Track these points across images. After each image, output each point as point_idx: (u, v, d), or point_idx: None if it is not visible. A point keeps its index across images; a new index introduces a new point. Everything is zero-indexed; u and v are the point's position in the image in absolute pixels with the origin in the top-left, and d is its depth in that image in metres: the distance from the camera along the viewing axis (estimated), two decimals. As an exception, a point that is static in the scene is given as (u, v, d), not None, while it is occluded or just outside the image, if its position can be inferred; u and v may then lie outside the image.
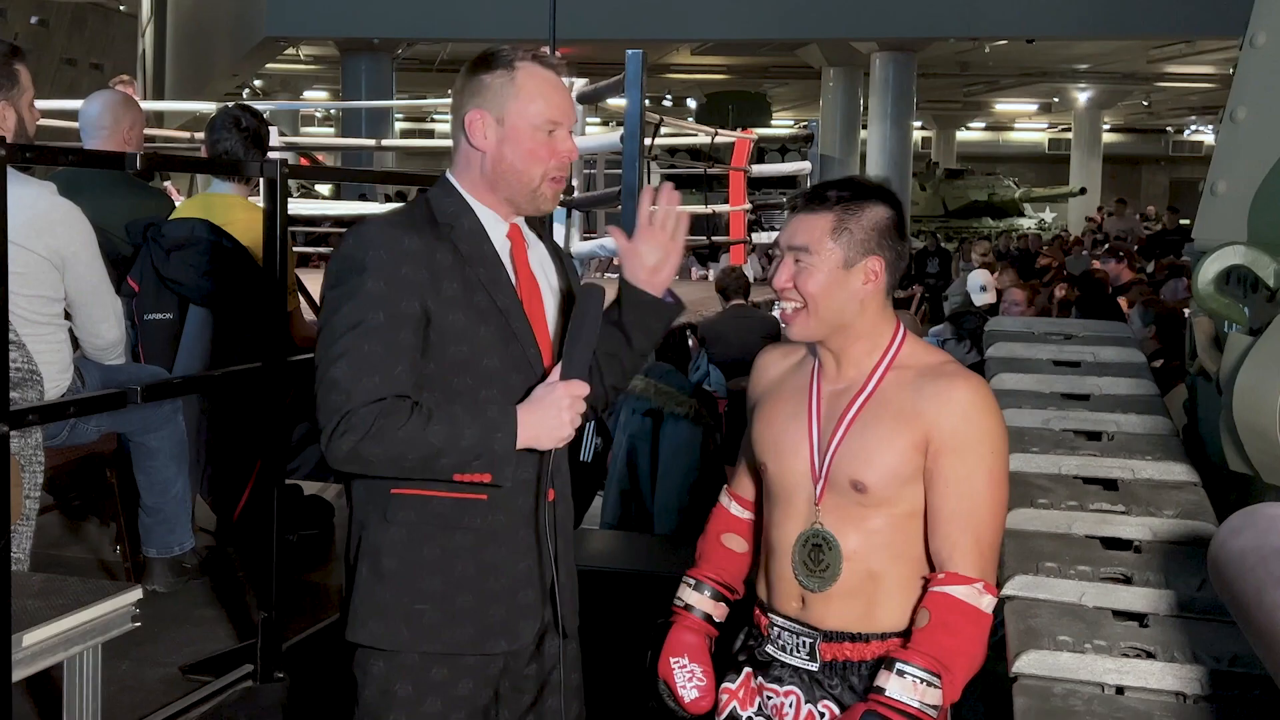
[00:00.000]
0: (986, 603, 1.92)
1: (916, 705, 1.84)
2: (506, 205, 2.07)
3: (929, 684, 1.85)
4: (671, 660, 2.19)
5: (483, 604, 2.00)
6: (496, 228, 2.06)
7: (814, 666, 2.02)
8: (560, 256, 2.20)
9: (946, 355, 2.09)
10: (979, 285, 10.22)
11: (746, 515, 2.28)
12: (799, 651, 2.04)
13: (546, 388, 1.98)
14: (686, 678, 2.17)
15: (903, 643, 1.94)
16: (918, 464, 1.96)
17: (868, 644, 1.99)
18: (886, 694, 1.86)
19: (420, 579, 1.99)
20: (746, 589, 2.25)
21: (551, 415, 1.95)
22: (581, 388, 1.97)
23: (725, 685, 2.15)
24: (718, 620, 2.24)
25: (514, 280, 2.04)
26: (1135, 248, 9.82)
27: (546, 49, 2.26)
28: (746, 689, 2.12)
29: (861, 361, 2.03)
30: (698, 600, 2.24)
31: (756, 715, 2.11)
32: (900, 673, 1.86)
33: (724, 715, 2.13)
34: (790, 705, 2.04)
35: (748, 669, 2.13)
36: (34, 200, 2.87)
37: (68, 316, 3.10)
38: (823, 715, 2.01)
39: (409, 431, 1.87)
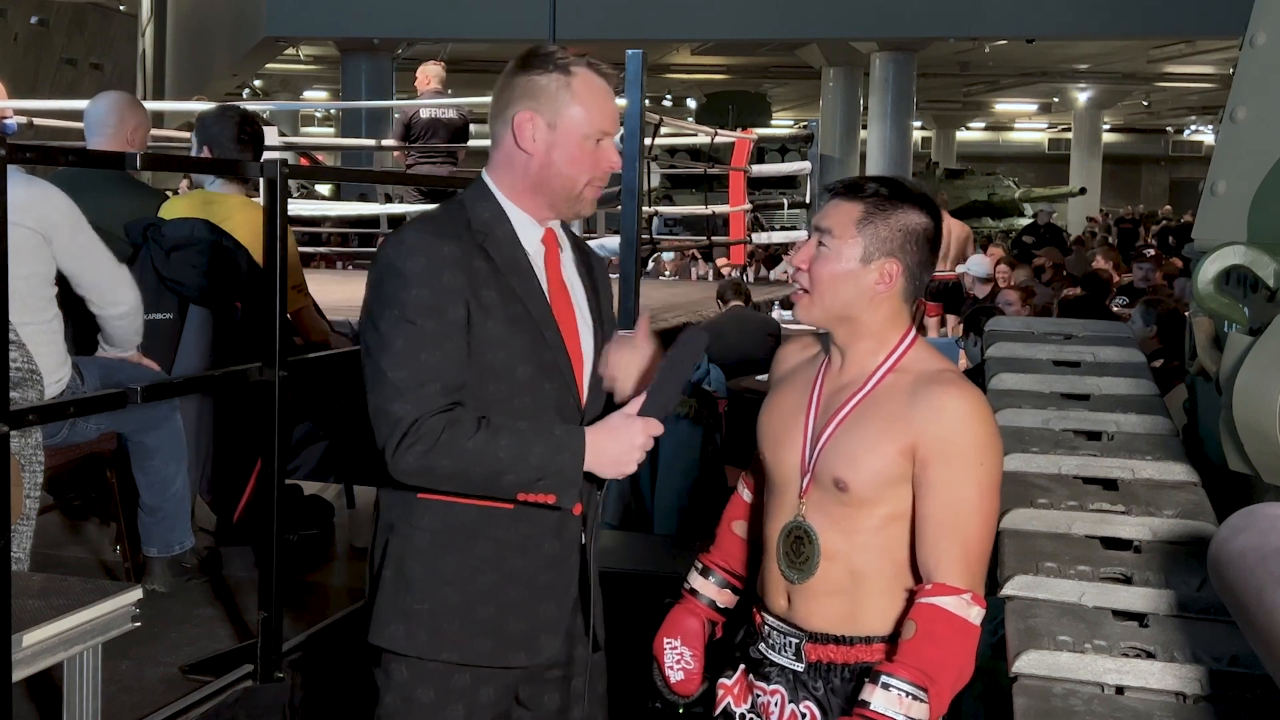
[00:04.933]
0: (975, 614, 1.90)
1: (902, 719, 1.83)
2: (546, 209, 2.03)
3: (914, 697, 1.83)
4: (665, 641, 2.22)
5: (502, 616, 1.98)
6: (531, 233, 2.03)
7: (800, 667, 2.02)
8: (589, 259, 2.16)
9: (949, 364, 2.06)
10: (982, 268, 9.95)
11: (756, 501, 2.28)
12: (786, 651, 2.04)
13: (625, 419, 1.94)
14: (675, 659, 2.20)
15: (888, 654, 1.93)
16: (903, 469, 1.94)
17: (852, 647, 1.98)
18: (871, 708, 1.84)
19: (442, 587, 1.96)
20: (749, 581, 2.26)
21: (625, 449, 1.92)
22: (657, 428, 1.95)
23: (722, 681, 2.16)
24: (723, 606, 2.25)
25: (545, 289, 2.01)
26: None
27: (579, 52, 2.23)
28: (741, 685, 2.13)
29: (865, 361, 2.03)
30: (702, 586, 2.26)
31: (749, 712, 2.11)
32: (885, 686, 1.84)
33: (719, 710, 2.14)
34: (775, 704, 2.05)
35: (743, 665, 2.14)
36: (10, 182, 2.88)
37: (62, 308, 3.10)
38: (804, 716, 2.01)
39: (477, 444, 1.84)
